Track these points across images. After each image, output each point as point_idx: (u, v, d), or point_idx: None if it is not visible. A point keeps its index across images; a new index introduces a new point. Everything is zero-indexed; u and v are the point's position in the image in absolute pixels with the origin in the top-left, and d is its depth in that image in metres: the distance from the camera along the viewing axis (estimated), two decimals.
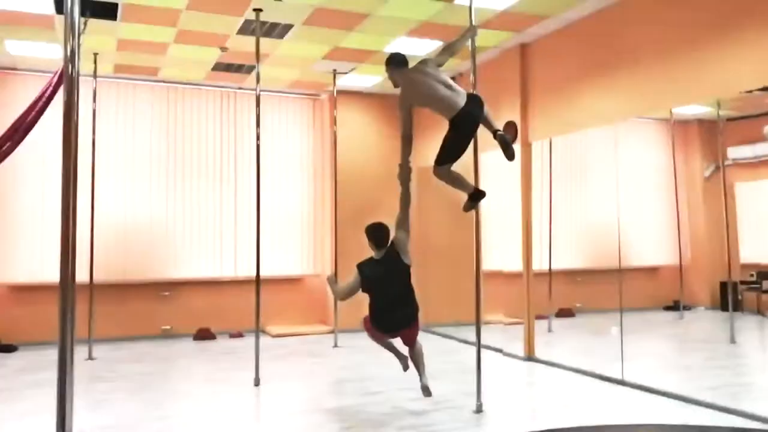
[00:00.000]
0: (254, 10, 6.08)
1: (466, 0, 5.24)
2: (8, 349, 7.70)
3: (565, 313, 8.07)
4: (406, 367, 5.13)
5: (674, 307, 7.49)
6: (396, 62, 4.94)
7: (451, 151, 4.69)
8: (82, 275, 4.88)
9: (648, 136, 7.60)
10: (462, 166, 5.02)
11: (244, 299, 8.53)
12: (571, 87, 6.54)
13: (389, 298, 4.81)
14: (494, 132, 4.74)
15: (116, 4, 5.99)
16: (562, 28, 6.67)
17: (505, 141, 4.70)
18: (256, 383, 5.81)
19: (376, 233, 4.92)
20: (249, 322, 7.08)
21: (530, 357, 6.92)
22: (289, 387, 5.89)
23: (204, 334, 8.65)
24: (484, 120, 4.85)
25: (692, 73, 5.18)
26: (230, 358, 7.34)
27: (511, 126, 7.22)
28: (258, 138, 6.21)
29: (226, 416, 4.83)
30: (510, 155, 4.74)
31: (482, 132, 4.96)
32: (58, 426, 2.59)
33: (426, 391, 4.84)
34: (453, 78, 8.57)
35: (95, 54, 7.38)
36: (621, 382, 5.65)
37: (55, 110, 5.41)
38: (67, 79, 2.72)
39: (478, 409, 4.81)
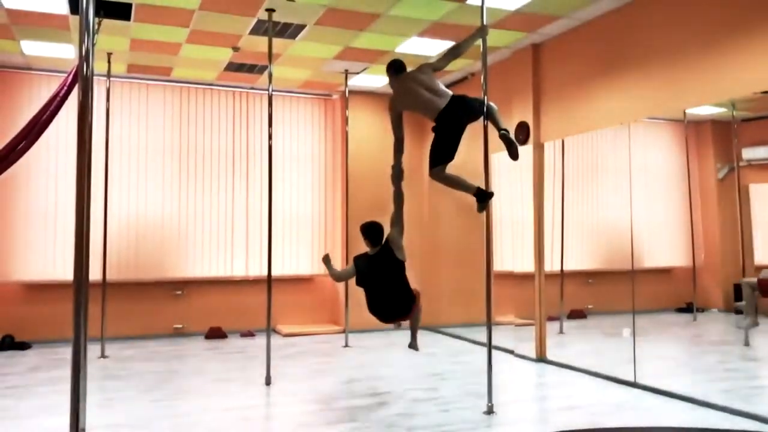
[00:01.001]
0: (267, 10, 6.10)
1: (478, 0, 5.23)
2: (22, 346, 7.77)
3: (576, 314, 8.03)
4: (397, 326, 5.65)
5: (687, 309, 7.42)
6: (393, 69, 5.18)
7: (438, 152, 4.83)
8: (94, 274, 4.91)
9: (661, 137, 7.54)
10: (473, 166, 5.02)
11: (256, 298, 8.56)
12: (584, 87, 6.51)
13: (384, 293, 5.08)
14: (499, 131, 4.80)
15: (129, 5, 6.03)
16: (575, 28, 6.64)
17: (509, 140, 4.77)
18: (267, 382, 5.83)
19: (370, 231, 5.18)
20: (260, 321, 7.10)
21: (541, 358, 6.90)
22: (299, 386, 5.90)
23: (215, 333, 8.69)
24: (491, 119, 4.90)
25: (706, 74, 5.14)
26: (241, 356, 7.36)
27: (523, 126, 7.20)
28: (270, 138, 6.23)
29: (237, 415, 4.84)
30: (514, 154, 4.83)
31: (493, 133, 4.97)
32: (72, 423, 2.61)
33: (413, 348, 5.45)
34: (464, 78, 8.62)
35: (109, 54, 7.43)
36: (633, 384, 5.62)
37: (69, 110, 5.48)
38: (81, 79, 2.74)
39: (489, 410, 4.79)
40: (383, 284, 5.08)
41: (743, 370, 6.33)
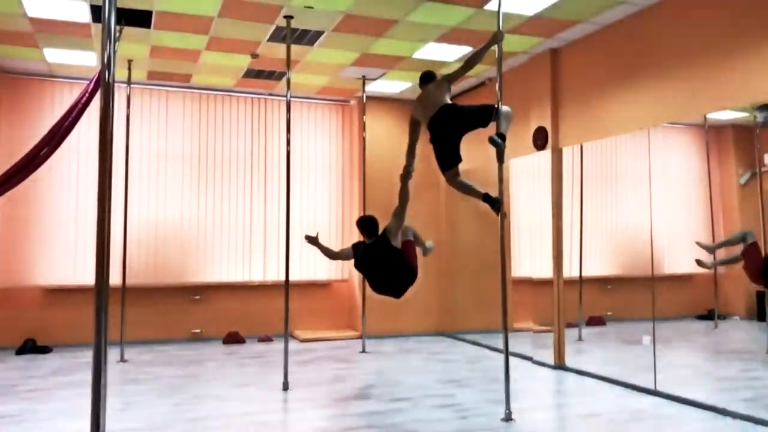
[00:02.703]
0: (285, 17, 6.14)
1: (496, 5, 5.22)
2: (43, 350, 7.86)
3: (595, 321, 7.96)
4: None
5: (708, 316, 7.33)
6: (420, 80, 5.47)
7: (437, 160, 5.13)
8: (114, 278, 4.96)
9: (681, 142, 7.47)
10: (485, 171, 5.00)
11: (273, 303, 8.59)
12: (603, 92, 6.47)
13: (380, 276, 5.58)
14: (495, 132, 4.95)
15: (150, 12, 6.10)
16: (594, 33, 6.61)
17: (496, 143, 4.92)
18: (285, 387, 5.84)
19: (366, 224, 5.73)
20: (278, 327, 7.12)
21: (560, 365, 6.84)
22: (317, 392, 5.91)
23: (233, 338, 8.73)
24: (497, 121, 4.96)
25: (727, 78, 5.08)
26: (259, 361, 7.39)
27: (541, 131, 7.17)
28: (288, 144, 6.27)
29: (255, 420, 4.86)
30: (499, 158, 5.00)
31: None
32: (92, 426, 2.63)
33: (425, 251, 5.96)
34: (482, 83, 8.60)
35: (129, 61, 7.51)
36: (653, 392, 5.55)
37: (91, 116, 5.55)
38: (103, 86, 2.76)
39: (507, 417, 4.75)
40: (381, 269, 5.54)
41: (766, 379, 6.24)
